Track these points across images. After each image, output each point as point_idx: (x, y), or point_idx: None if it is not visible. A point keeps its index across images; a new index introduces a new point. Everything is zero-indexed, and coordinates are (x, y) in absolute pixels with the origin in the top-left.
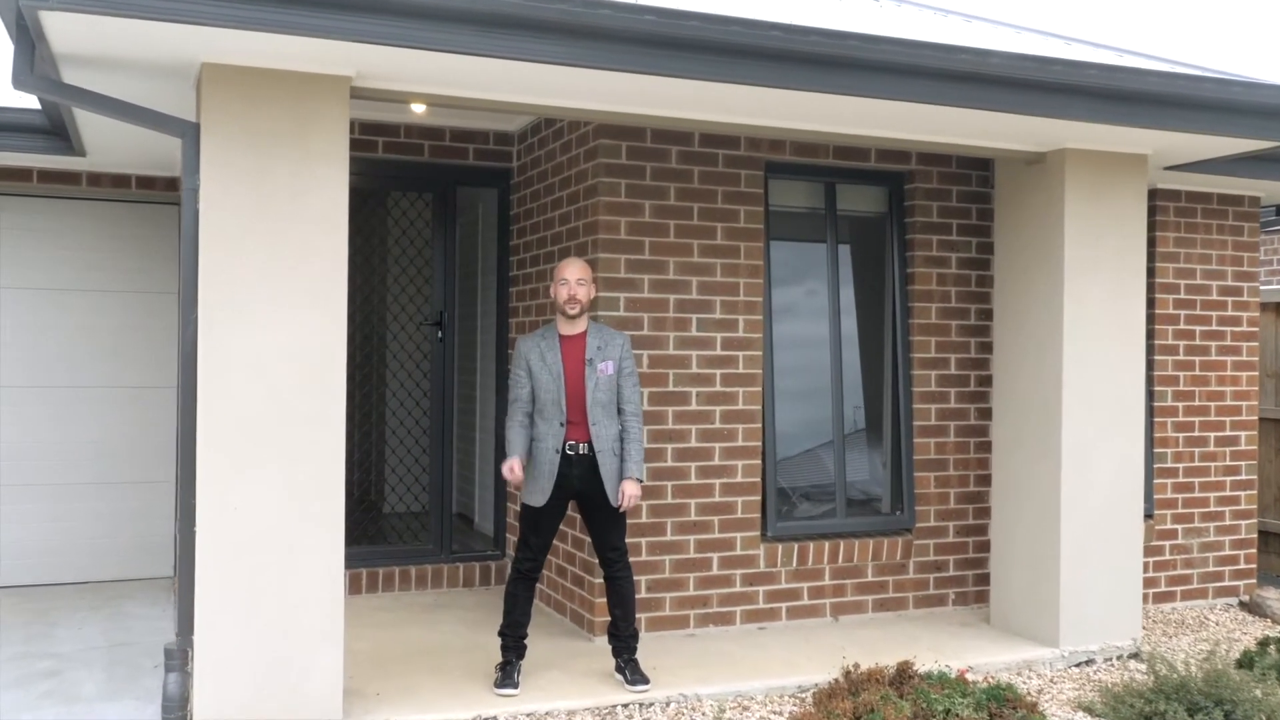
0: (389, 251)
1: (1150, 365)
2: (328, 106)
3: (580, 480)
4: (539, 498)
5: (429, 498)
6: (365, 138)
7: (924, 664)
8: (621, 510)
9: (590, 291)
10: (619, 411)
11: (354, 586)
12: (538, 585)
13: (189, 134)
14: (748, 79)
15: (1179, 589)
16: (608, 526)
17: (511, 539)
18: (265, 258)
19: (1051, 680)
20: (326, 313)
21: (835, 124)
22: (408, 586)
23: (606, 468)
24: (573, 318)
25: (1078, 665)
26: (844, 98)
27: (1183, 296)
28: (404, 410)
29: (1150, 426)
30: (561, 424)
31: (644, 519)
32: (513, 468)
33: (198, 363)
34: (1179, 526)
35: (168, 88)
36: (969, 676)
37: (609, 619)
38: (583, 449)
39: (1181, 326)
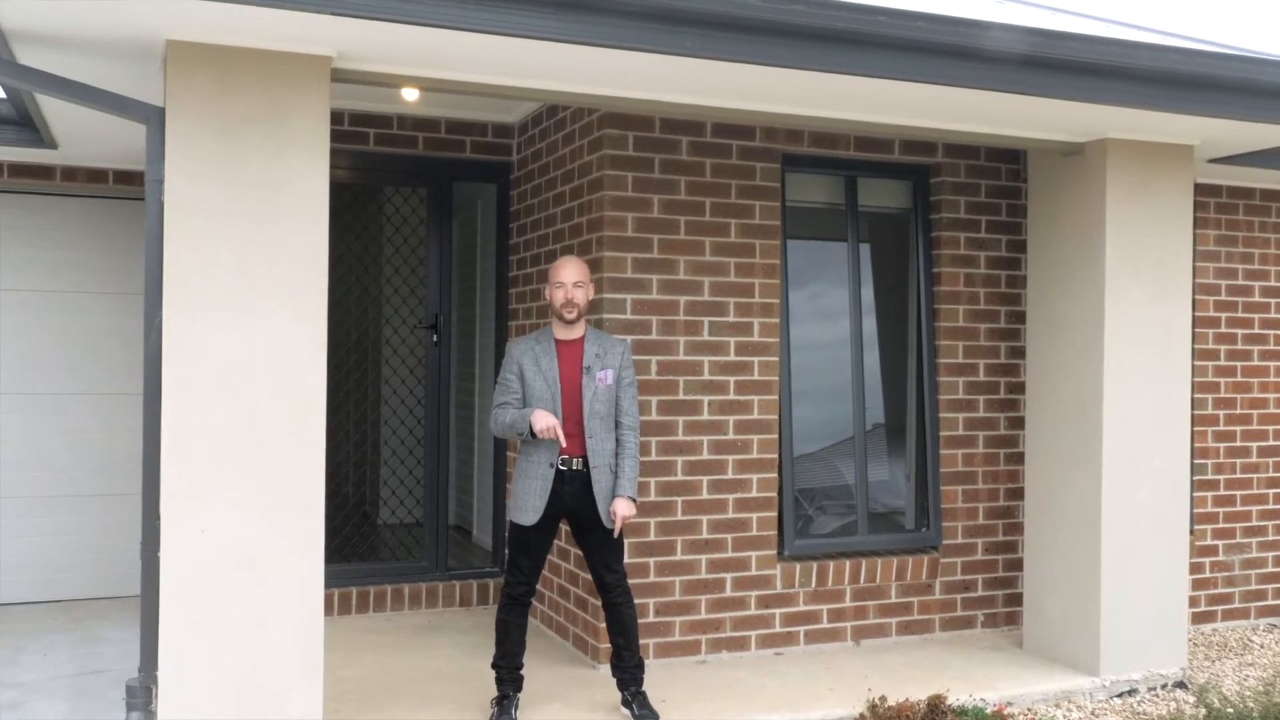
0: (382, 250)
1: (1190, 371)
2: (306, 90)
3: (573, 497)
4: (529, 516)
5: (423, 511)
6: (355, 129)
7: (956, 696)
8: (615, 534)
9: (589, 294)
10: (615, 424)
11: (343, 606)
12: (538, 606)
13: (153, 120)
14: (761, 58)
15: (1219, 608)
16: (603, 547)
17: None
18: (237, 256)
19: (1093, 713)
20: (304, 317)
21: (855, 110)
22: (400, 606)
23: (601, 484)
24: (570, 323)
25: (1120, 695)
26: (865, 79)
27: (1224, 298)
28: (397, 419)
29: (1189, 436)
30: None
31: (652, 537)
32: (545, 418)
33: (162, 371)
34: (1220, 542)
35: (134, 70)
36: (1008, 711)
37: (611, 645)
38: (576, 464)
39: (1223, 330)
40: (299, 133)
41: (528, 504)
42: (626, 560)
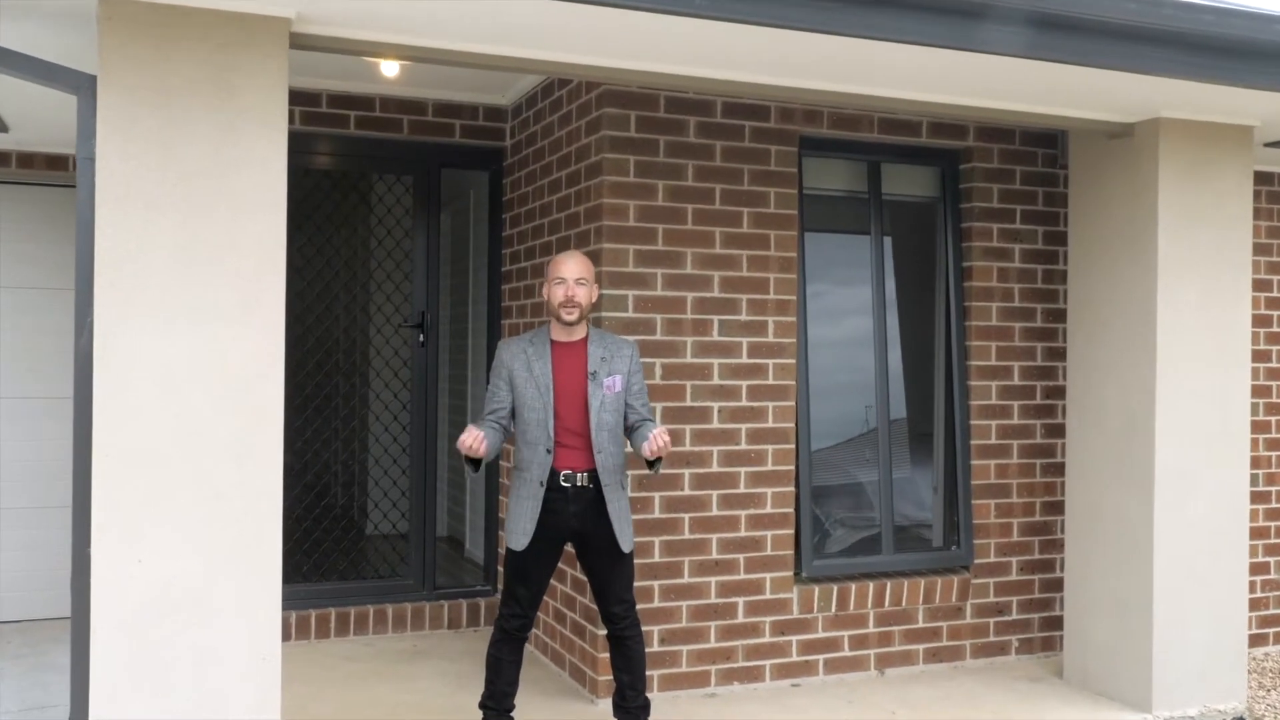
0: (368, 243)
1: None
2: (261, 57)
3: (579, 518)
4: (519, 539)
5: (409, 526)
6: (335, 111)
7: None
8: (652, 459)
9: (592, 293)
10: (631, 426)
11: (320, 630)
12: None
13: (84, 89)
14: (778, 19)
15: (1271, 631)
16: (613, 575)
17: None
18: (179, 247)
19: None
20: (258, 317)
21: (880, 84)
22: (384, 629)
23: (615, 503)
24: (570, 323)
25: None
26: (892, 45)
27: (1276, 295)
28: (380, 425)
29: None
30: (548, 450)
31: (657, 558)
32: (468, 430)
33: (93, 378)
34: (1272, 559)
35: (75, 39)
36: None
37: (614, 681)
38: (582, 480)
39: (1275, 329)
40: (252, 106)
41: (518, 526)
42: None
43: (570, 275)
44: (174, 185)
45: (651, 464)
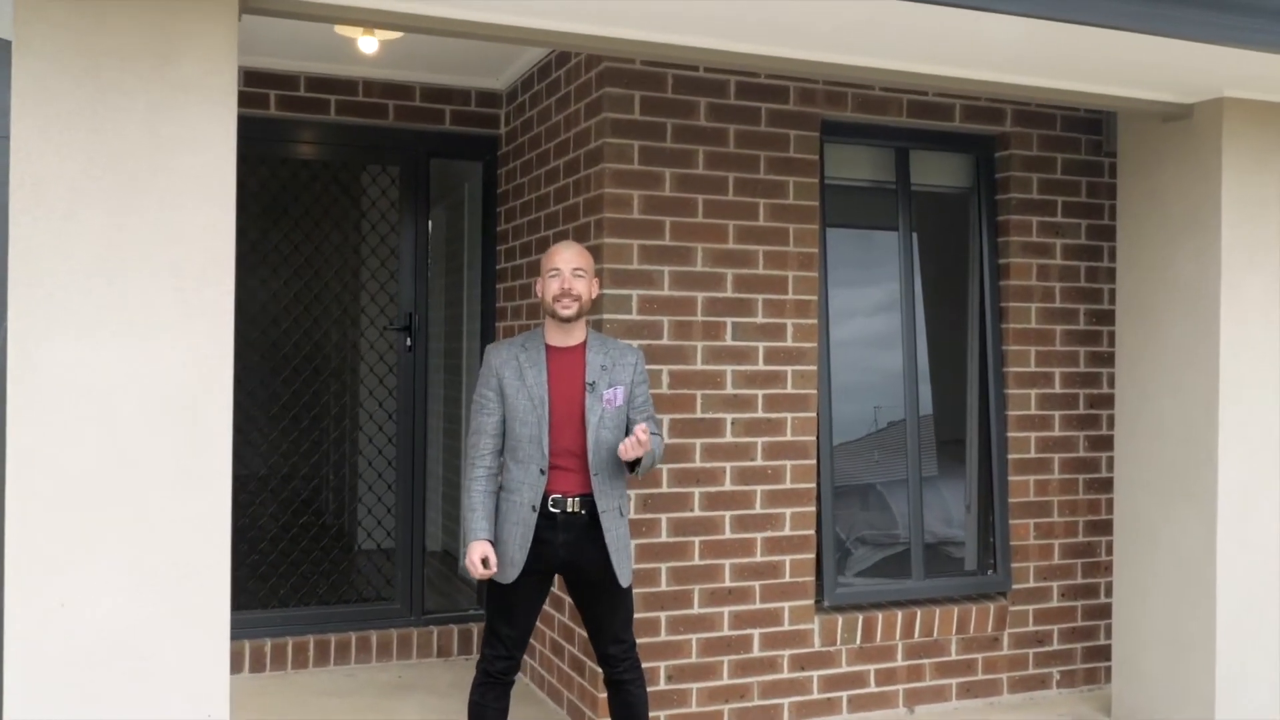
0: (346, 239)
1: None
2: (205, 19)
3: (570, 549)
4: (508, 571)
5: (396, 545)
6: (313, 96)
7: None
8: (628, 460)
9: (592, 287)
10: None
11: (298, 659)
12: (527, 660)
13: None
14: None
15: None
16: (610, 613)
17: None
18: (109, 241)
19: None
20: (202, 323)
21: (912, 58)
22: (367, 657)
23: (612, 533)
24: (567, 322)
25: None
26: (925, 6)
27: None
28: (364, 436)
29: None
30: (542, 470)
31: (663, 586)
32: (485, 558)
33: (6, 395)
34: None
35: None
36: None
37: None
38: (574, 505)
39: None
40: (195, 77)
41: (505, 555)
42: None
43: (566, 266)
44: (103, 170)
45: (631, 466)
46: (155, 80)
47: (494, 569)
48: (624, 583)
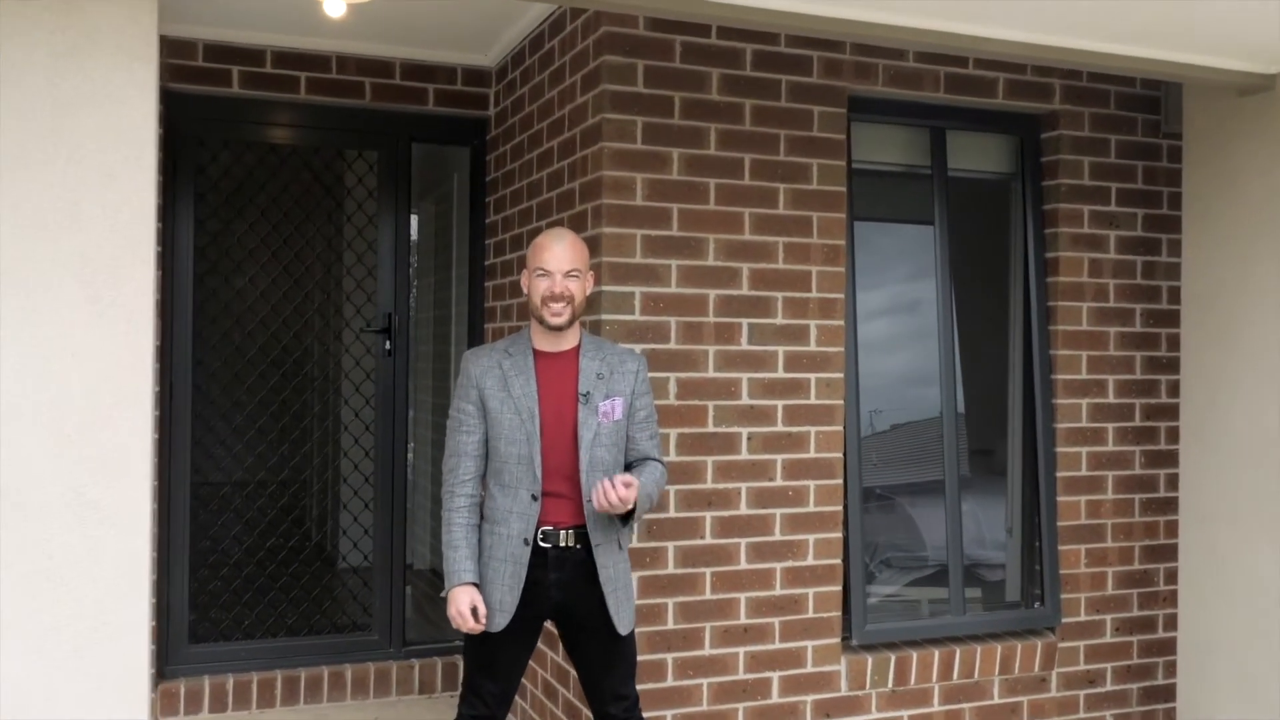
0: (319, 232)
1: None
2: None
3: (563, 590)
4: (496, 618)
5: (373, 568)
6: (281, 72)
7: None
8: (606, 506)
9: (586, 288)
10: (632, 464)
11: (264, 697)
12: (519, 702)
13: None
14: None
15: None
16: (608, 664)
17: None
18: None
19: None
20: (116, 321)
21: (954, 16)
22: (341, 694)
23: (608, 570)
24: (558, 328)
25: None
26: None
27: None
28: (339, 448)
29: None
30: (534, 497)
31: (670, 624)
32: (474, 606)
33: None
34: None
35: None
36: None
37: None
38: (567, 538)
39: None
40: (106, 23)
41: (492, 599)
42: (638, 658)
43: (557, 266)
44: None
45: (624, 518)
46: (58, 27)
47: (484, 621)
48: (623, 630)
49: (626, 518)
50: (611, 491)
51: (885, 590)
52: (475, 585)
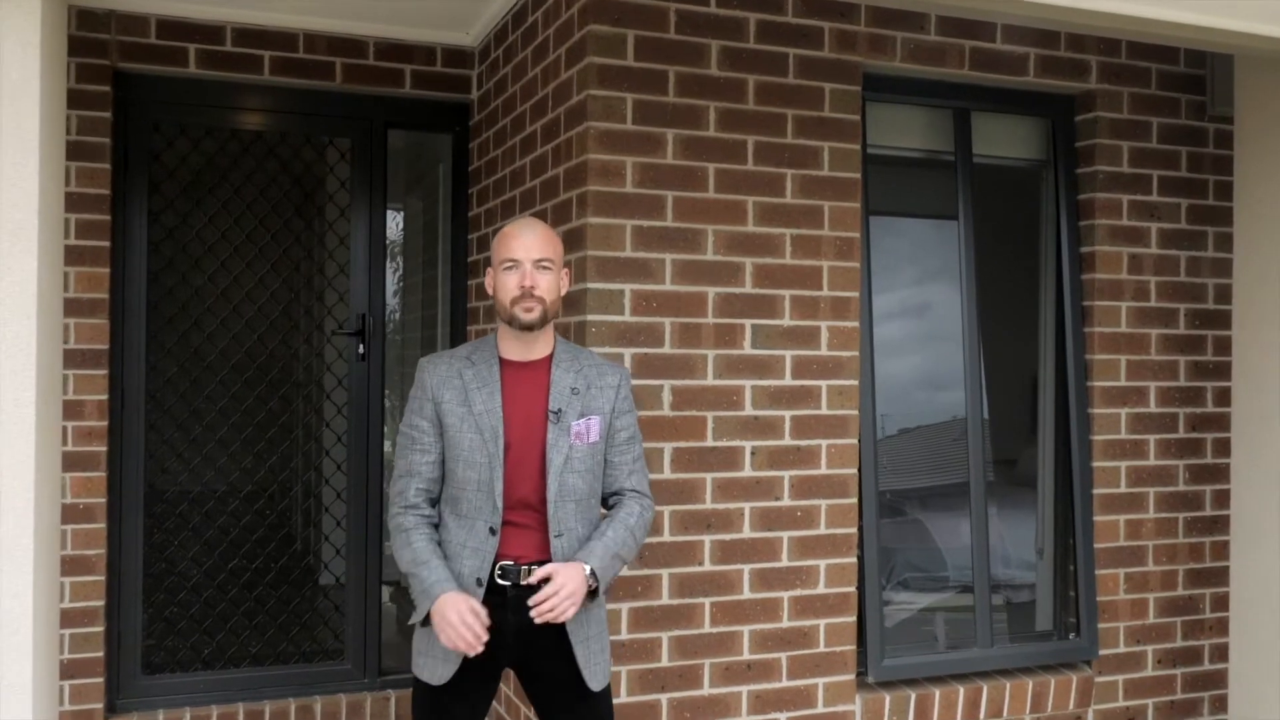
0: (286, 226)
1: None
2: None
3: (523, 637)
4: (440, 669)
5: (346, 592)
6: (243, 51)
7: None
8: (547, 616)
9: (562, 284)
10: (610, 497)
11: None
12: None
13: None
14: None
15: None
16: (575, 718)
17: None
18: None
19: None
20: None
21: None
22: None
23: (581, 616)
24: (528, 329)
25: None
26: None
27: None
28: (307, 461)
29: None
30: (493, 529)
31: (665, 661)
32: (474, 609)
33: None
34: None
35: None
36: None
37: None
38: (528, 575)
39: None
40: None
41: (436, 648)
42: (628, 699)
43: (527, 254)
44: None
45: (590, 594)
46: None
47: (486, 624)
48: (595, 685)
49: (594, 593)
50: (548, 596)
51: (900, 616)
52: (457, 593)
